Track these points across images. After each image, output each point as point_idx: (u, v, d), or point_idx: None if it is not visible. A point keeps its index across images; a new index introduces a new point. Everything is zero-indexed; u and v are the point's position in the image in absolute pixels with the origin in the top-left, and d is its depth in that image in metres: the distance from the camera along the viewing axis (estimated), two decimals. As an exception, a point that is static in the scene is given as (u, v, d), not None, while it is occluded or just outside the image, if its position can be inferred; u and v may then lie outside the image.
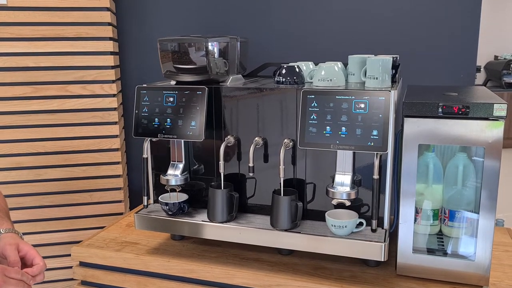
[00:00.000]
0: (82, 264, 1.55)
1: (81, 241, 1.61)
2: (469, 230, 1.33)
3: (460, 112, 1.17)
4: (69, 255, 1.55)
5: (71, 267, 1.59)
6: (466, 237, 1.34)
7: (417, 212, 1.36)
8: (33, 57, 1.84)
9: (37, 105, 1.88)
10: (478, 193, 1.23)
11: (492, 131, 1.17)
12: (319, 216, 1.38)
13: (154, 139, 1.46)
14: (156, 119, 1.43)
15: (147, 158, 1.46)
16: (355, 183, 1.32)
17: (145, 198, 1.50)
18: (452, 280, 1.27)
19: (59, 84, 1.88)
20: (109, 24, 1.88)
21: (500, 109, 1.15)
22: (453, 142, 1.23)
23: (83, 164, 1.95)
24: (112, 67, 1.92)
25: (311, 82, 1.44)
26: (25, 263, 1.17)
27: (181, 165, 1.49)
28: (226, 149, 1.39)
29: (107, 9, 1.87)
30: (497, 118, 1.16)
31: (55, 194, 1.95)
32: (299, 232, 1.33)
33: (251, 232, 1.38)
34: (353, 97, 1.24)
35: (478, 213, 1.22)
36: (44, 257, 1.20)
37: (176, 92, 1.42)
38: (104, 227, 1.75)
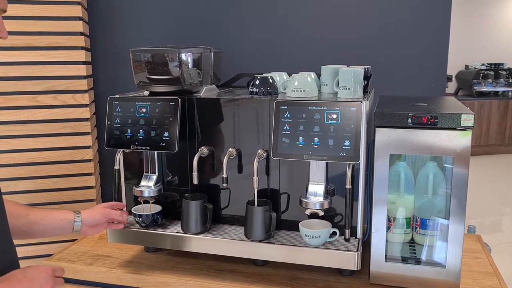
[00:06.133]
0: (53, 279, 1.51)
1: (51, 254, 1.58)
2: (440, 238, 1.36)
3: (429, 123, 1.20)
4: (39, 269, 1.51)
5: (41, 282, 1.54)
6: (437, 244, 1.36)
7: (389, 220, 1.38)
8: (2, 66, 1.80)
9: (6, 115, 1.83)
10: (448, 201, 1.26)
11: (460, 140, 1.19)
12: (293, 226, 1.38)
13: (127, 151, 1.45)
14: (129, 130, 1.41)
15: (118, 169, 1.43)
16: (328, 193, 1.33)
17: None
18: (424, 288, 1.29)
19: (29, 94, 1.84)
20: (81, 33, 1.86)
21: (467, 120, 1.18)
22: (422, 151, 1.25)
23: (54, 176, 1.90)
24: (85, 77, 1.89)
25: (285, 93, 1.45)
26: None
27: (154, 177, 1.48)
28: (199, 160, 1.39)
29: (79, 18, 1.85)
30: (464, 128, 1.19)
31: (25, 207, 1.90)
32: (273, 243, 1.33)
33: (225, 243, 1.38)
34: (325, 108, 1.26)
35: (448, 221, 1.24)
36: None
37: (149, 103, 1.41)
38: (75, 240, 1.71)
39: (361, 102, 1.24)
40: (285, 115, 1.28)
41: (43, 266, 1.04)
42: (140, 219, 1.45)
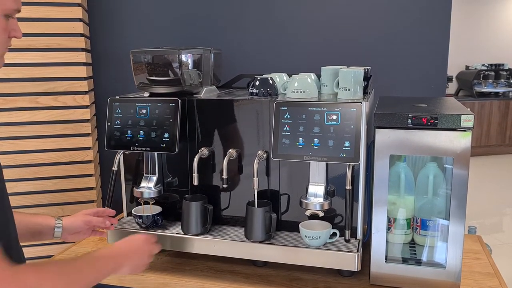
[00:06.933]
0: (53, 280, 1.51)
1: (52, 255, 1.58)
2: (440, 239, 1.36)
3: (429, 123, 1.20)
4: (40, 270, 1.51)
5: (41, 283, 1.54)
6: (438, 245, 1.36)
7: (389, 221, 1.38)
8: (2, 68, 1.79)
9: (7, 117, 1.83)
10: (449, 202, 1.26)
11: (460, 141, 1.19)
12: (293, 227, 1.38)
13: (127, 152, 1.45)
14: (129, 131, 1.41)
15: (116, 171, 1.43)
16: (328, 194, 1.33)
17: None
18: (425, 289, 1.29)
19: (29, 95, 1.84)
20: (82, 35, 1.86)
21: (467, 120, 1.18)
22: (423, 152, 1.25)
23: (54, 177, 1.91)
24: (85, 78, 1.89)
25: (285, 94, 1.45)
26: None
27: (154, 178, 1.48)
28: (200, 161, 1.39)
29: (80, 19, 1.85)
30: (464, 129, 1.19)
31: (25, 208, 1.90)
32: (274, 244, 1.33)
33: (225, 244, 1.38)
34: (325, 109, 1.26)
35: (448, 221, 1.24)
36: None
37: (149, 104, 1.41)
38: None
39: (361, 103, 1.24)
40: (285, 116, 1.29)
41: (137, 235, 1.21)
42: (141, 220, 1.45)
